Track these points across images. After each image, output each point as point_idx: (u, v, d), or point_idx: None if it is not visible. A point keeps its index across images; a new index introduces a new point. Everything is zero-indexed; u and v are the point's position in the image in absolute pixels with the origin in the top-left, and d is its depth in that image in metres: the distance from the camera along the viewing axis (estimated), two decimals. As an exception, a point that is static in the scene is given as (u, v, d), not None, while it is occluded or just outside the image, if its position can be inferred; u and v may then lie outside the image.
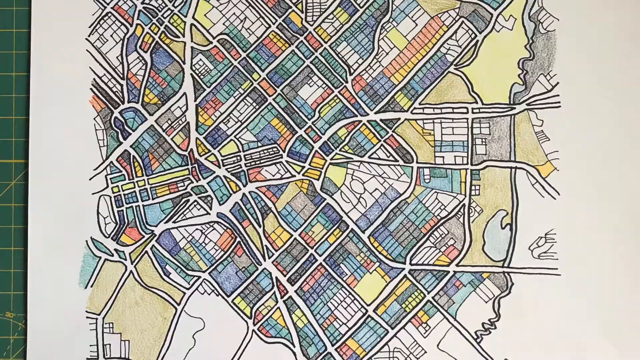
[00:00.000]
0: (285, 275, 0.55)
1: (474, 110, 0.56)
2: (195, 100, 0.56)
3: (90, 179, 0.55)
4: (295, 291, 0.55)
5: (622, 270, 0.54)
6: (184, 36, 0.56)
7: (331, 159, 0.56)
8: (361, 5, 0.56)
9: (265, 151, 0.56)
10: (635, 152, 0.55)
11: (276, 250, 0.55)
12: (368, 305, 0.55)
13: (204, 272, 0.55)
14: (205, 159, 0.56)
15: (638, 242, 0.54)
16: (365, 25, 0.56)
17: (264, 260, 0.55)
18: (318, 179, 0.56)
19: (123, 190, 0.55)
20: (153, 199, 0.56)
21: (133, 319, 0.55)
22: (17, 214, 0.56)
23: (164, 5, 0.56)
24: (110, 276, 0.55)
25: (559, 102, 0.55)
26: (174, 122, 0.56)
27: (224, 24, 0.56)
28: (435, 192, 0.56)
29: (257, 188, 0.56)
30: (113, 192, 0.55)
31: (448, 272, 0.55)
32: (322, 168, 0.56)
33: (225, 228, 0.56)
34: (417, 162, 0.56)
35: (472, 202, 0.55)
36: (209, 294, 0.55)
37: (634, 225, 0.54)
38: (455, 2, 0.56)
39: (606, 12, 0.55)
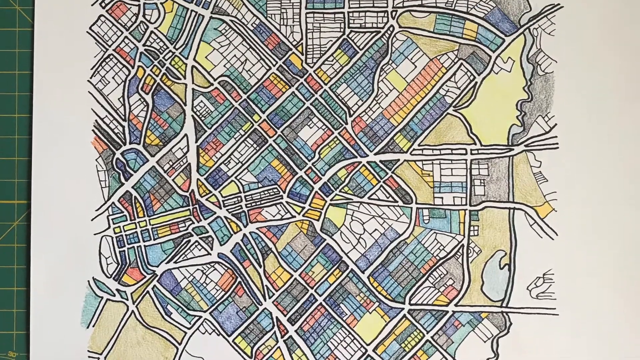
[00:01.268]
0: (285, 315, 0.56)
1: (473, 152, 0.56)
2: (196, 142, 0.56)
3: (92, 220, 0.56)
4: (296, 331, 0.56)
5: (620, 311, 0.55)
6: (185, 78, 0.57)
7: (331, 200, 0.56)
8: (361, 47, 0.56)
9: (266, 192, 0.56)
10: (633, 194, 0.55)
11: (276, 290, 0.56)
12: (368, 344, 0.56)
13: (204, 312, 0.56)
14: (206, 199, 0.56)
15: (636, 282, 0.55)
16: (365, 67, 0.56)
17: (265, 300, 0.56)
18: (318, 220, 0.56)
19: (125, 231, 0.56)
20: (154, 239, 0.56)
21: (135, 358, 0.55)
22: (20, 255, 0.56)
23: (165, 47, 0.57)
24: (112, 316, 0.56)
25: (557, 144, 0.56)
26: (175, 163, 0.56)
27: (224, 65, 0.57)
28: (434, 232, 0.56)
29: (257, 228, 0.56)
30: (115, 233, 0.56)
31: (447, 312, 0.56)
32: (322, 209, 0.56)
33: (226, 268, 0.56)
34: (416, 203, 0.56)
35: (470, 242, 0.56)
36: (210, 334, 0.56)
37: (631, 265, 0.55)
38: (454, 45, 0.56)
39: (604, 54, 0.56)
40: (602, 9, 0.56)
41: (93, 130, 0.56)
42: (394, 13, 0.56)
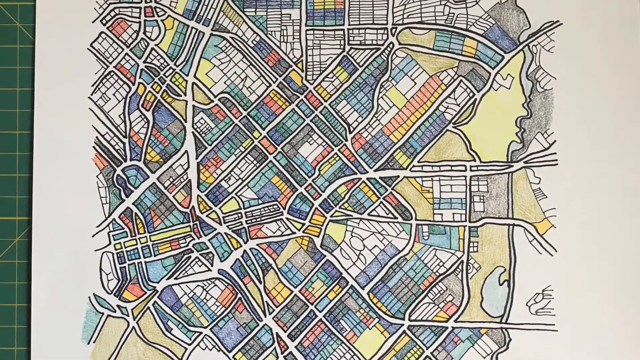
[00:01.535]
0: (285, 331, 0.56)
1: (472, 168, 0.56)
2: (196, 158, 0.57)
3: (93, 236, 0.56)
4: (296, 347, 0.56)
5: (620, 327, 0.55)
6: (185, 95, 0.57)
7: (331, 216, 0.56)
8: (361, 64, 0.57)
9: (266, 208, 0.56)
10: (631, 210, 0.55)
11: (277, 307, 0.56)
12: (367, 360, 0.56)
13: (205, 327, 0.56)
14: (207, 216, 0.56)
15: (635, 298, 0.55)
16: (365, 84, 0.57)
17: (265, 316, 0.56)
18: (318, 236, 0.56)
19: (125, 247, 0.56)
20: (155, 255, 0.56)
21: (135, 374, 0.56)
22: (21, 271, 0.56)
23: (165, 64, 0.57)
24: (112, 332, 0.56)
25: (556, 160, 0.56)
26: (175, 180, 0.57)
27: (225, 82, 0.57)
28: (434, 248, 0.56)
29: (257, 245, 0.56)
30: (115, 249, 0.56)
31: (446, 327, 0.56)
32: (322, 225, 0.56)
33: (226, 284, 0.56)
34: (416, 219, 0.56)
35: (470, 258, 0.56)
36: (210, 350, 0.56)
37: (630, 281, 0.55)
38: (454, 61, 0.57)
39: (603, 71, 0.56)
40: (601, 26, 0.56)
41: (94, 146, 0.56)
42: (393, 30, 0.57)
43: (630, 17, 0.56)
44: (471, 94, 0.57)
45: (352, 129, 0.57)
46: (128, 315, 0.56)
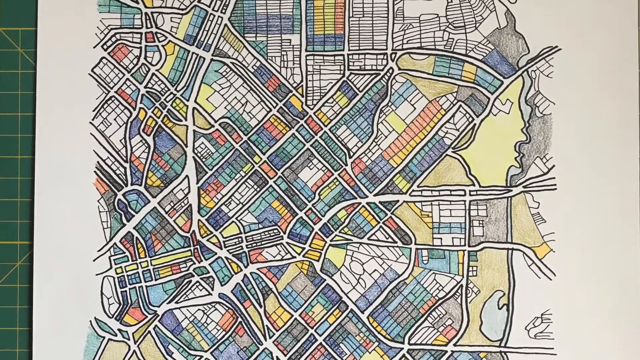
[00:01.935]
0: (286, 355, 0.56)
1: (472, 193, 0.56)
2: (197, 183, 0.57)
3: (94, 260, 0.56)
4: (296, 370, 0.56)
5: (619, 351, 0.55)
6: (186, 120, 0.57)
7: (331, 241, 0.57)
8: (360, 89, 0.57)
9: (266, 233, 0.57)
10: (630, 235, 0.56)
11: (277, 330, 0.56)
12: (367, 384, 0.56)
13: (205, 351, 0.56)
14: (207, 240, 0.57)
15: (634, 323, 0.55)
16: (365, 109, 0.57)
17: (265, 340, 0.56)
18: (318, 260, 0.57)
19: (126, 271, 0.56)
20: (156, 279, 0.57)
21: (136, 398, 0.56)
22: (22, 295, 0.57)
23: (166, 89, 0.57)
24: (113, 356, 0.56)
25: (555, 185, 0.56)
26: (176, 204, 0.57)
27: (225, 107, 0.57)
28: (433, 273, 0.57)
29: (258, 269, 0.57)
30: (117, 273, 0.56)
31: (446, 351, 0.56)
32: (322, 249, 0.57)
33: (226, 308, 0.56)
34: (415, 244, 0.57)
35: (469, 282, 0.56)
36: (211, 373, 0.56)
37: (629, 306, 0.55)
38: (453, 87, 0.57)
39: (601, 96, 0.56)
40: (600, 52, 0.56)
41: (95, 171, 0.57)
42: (393, 55, 0.57)
43: (629, 43, 0.56)
44: (470, 119, 0.57)
45: (352, 153, 0.57)
46: (129, 339, 0.56)
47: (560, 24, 0.57)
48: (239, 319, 0.56)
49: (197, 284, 0.57)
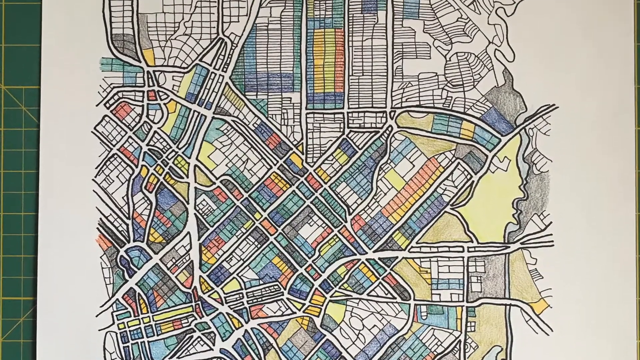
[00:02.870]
0: (286, 410, 0.57)
1: (470, 249, 0.57)
2: (198, 239, 0.58)
3: (96, 316, 0.57)
4: None
5: (614, 406, 0.56)
6: (187, 177, 0.58)
7: (331, 297, 0.57)
8: (360, 147, 0.58)
9: (267, 289, 0.57)
10: (626, 291, 0.56)
11: (277, 385, 0.57)
12: None
13: (207, 406, 0.57)
14: (209, 296, 0.57)
15: (629, 378, 0.56)
16: (364, 167, 0.58)
17: (266, 394, 0.57)
18: (318, 316, 0.57)
19: (129, 327, 0.57)
20: (158, 335, 0.57)
21: None
22: (26, 350, 0.57)
23: (168, 147, 0.58)
24: (116, 410, 0.57)
25: (552, 241, 0.57)
26: (178, 261, 0.58)
27: (226, 165, 0.58)
28: (432, 328, 0.57)
29: (258, 324, 0.57)
30: (119, 329, 0.57)
31: (444, 406, 0.57)
32: (322, 305, 0.57)
33: (228, 363, 0.57)
34: (414, 300, 0.57)
35: (467, 338, 0.57)
36: None
37: (625, 362, 0.56)
38: (451, 144, 0.58)
39: (598, 154, 0.57)
40: (596, 110, 0.57)
41: (98, 228, 0.57)
42: (392, 113, 0.58)
43: (626, 101, 0.57)
44: (469, 176, 0.58)
45: (351, 210, 0.58)
46: (131, 394, 0.57)
47: (558, 82, 0.57)
48: (240, 374, 0.57)
49: (199, 339, 0.57)
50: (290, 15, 0.58)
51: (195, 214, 0.58)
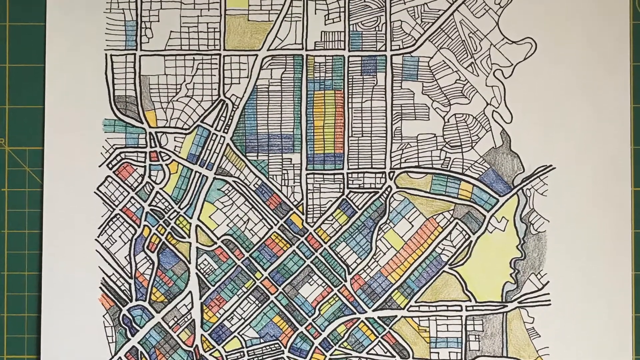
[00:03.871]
0: None
1: (468, 308, 0.58)
2: (200, 299, 0.58)
3: (99, 374, 0.58)
4: None
5: None
6: (189, 237, 0.58)
7: (331, 355, 0.58)
8: (360, 207, 0.58)
9: (268, 347, 0.58)
10: (622, 349, 0.57)
11: None
12: None
13: None
14: (210, 354, 0.58)
15: None
16: (364, 227, 0.58)
17: None
18: (318, 374, 0.58)
19: (131, 385, 0.58)
20: (160, 393, 0.58)
21: None
22: (30, 408, 0.58)
23: (170, 207, 0.58)
24: None
25: (550, 301, 0.58)
26: (180, 320, 0.58)
27: (227, 225, 0.58)
28: (431, 386, 0.58)
29: (259, 382, 0.58)
30: (121, 387, 0.58)
31: None
32: (322, 363, 0.58)
33: (229, 421, 0.58)
34: (413, 358, 0.58)
35: (466, 396, 0.58)
36: None
37: (621, 420, 0.57)
38: (450, 205, 0.58)
39: (594, 213, 0.58)
40: (593, 170, 0.58)
41: (100, 287, 0.58)
42: (391, 174, 0.58)
43: (622, 161, 0.58)
44: (467, 236, 0.58)
45: (351, 270, 0.58)
46: None
47: (554, 142, 0.58)
48: None
49: (200, 397, 0.58)
50: (290, 77, 0.58)
51: (196, 273, 0.58)
